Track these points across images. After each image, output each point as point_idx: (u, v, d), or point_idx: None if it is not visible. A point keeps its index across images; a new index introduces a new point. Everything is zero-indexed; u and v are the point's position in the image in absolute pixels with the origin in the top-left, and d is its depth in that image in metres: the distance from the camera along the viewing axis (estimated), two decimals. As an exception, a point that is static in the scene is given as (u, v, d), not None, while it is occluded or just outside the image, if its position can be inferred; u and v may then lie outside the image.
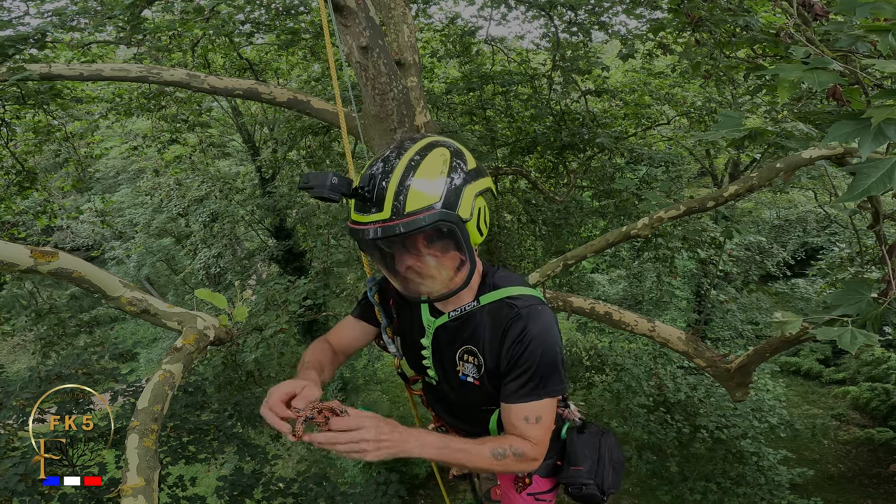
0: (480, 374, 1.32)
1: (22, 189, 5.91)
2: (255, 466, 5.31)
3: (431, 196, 1.10)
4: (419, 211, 1.09)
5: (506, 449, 1.21)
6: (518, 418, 1.24)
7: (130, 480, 1.04)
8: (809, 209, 13.47)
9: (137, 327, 17.67)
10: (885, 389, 10.70)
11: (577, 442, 1.54)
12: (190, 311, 1.55)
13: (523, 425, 1.24)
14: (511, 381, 1.25)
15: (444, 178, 1.13)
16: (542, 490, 1.60)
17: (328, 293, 7.91)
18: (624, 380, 8.68)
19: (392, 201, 1.09)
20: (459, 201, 1.13)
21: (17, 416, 4.12)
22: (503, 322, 1.26)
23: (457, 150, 1.20)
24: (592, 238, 6.24)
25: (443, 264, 1.18)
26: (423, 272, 1.19)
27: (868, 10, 1.29)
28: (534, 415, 1.24)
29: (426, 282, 1.20)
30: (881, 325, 1.53)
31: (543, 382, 1.23)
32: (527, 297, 1.29)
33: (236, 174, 13.18)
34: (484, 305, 1.30)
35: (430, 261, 1.17)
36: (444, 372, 1.41)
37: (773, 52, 2.52)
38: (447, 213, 1.11)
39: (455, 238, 1.15)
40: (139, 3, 3.99)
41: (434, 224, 1.09)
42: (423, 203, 1.09)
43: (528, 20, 6.80)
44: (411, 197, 1.09)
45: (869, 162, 1.19)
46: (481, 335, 1.30)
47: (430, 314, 1.37)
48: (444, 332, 1.36)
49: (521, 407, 1.24)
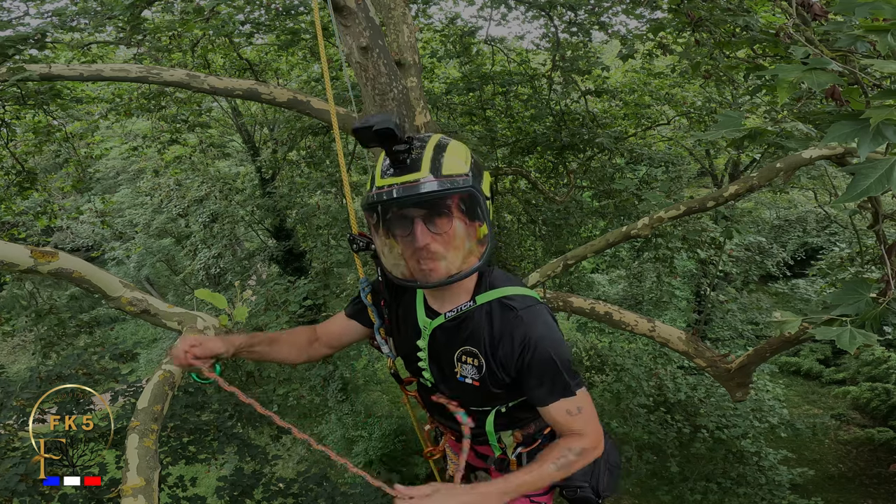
0: (481, 374, 1.31)
1: (22, 189, 5.91)
2: (255, 467, 5.31)
3: (462, 167, 1.18)
4: (456, 175, 1.16)
5: (566, 454, 1.24)
6: (561, 414, 1.28)
7: (130, 480, 1.05)
8: (809, 209, 13.46)
9: (137, 327, 17.67)
10: (886, 389, 10.68)
11: None
12: (190, 312, 1.55)
13: (569, 419, 1.27)
14: (535, 387, 1.28)
15: (469, 160, 1.22)
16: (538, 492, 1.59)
17: (328, 293, 7.90)
18: (624, 380, 8.68)
19: (430, 163, 1.15)
20: (482, 180, 1.22)
21: (17, 417, 4.11)
22: (504, 325, 1.26)
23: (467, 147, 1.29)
24: (592, 238, 6.24)
25: (469, 234, 1.20)
26: (449, 241, 1.17)
27: (867, 10, 1.30)
28: (574, 406, 1.27)
29: (449, 254, 1.18)
30: (880, 325, 1.53)
31: (567, 377, 1.27)
32: (523, 297, 1.29)
33: (236, 174, 13.19)
34: (481, 305, 1.30)
35: (459, 227, 1.18)
36: (441, 374, 1.40)
37: (773, 53, 2.52)
38: (477, 184, 1.19)
39: (483, 209, 1.20)
40: (139, 4, 3.99)
41: (469, 189, 1.16)
42: (458, 170, 1.17)
43: (527, 20, 6.80)
44: (447, 162, 1.16)
45: (868, 162, 1.19)
46: (481, 336, 1.29)
47: (427, 315, 1.36)
48: (441, 333, 1.35)
49: (558, 405, 1.27)
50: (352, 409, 11.11)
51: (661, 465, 8.50)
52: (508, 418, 1.45)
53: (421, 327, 1.37)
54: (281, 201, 10.35)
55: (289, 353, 1.51)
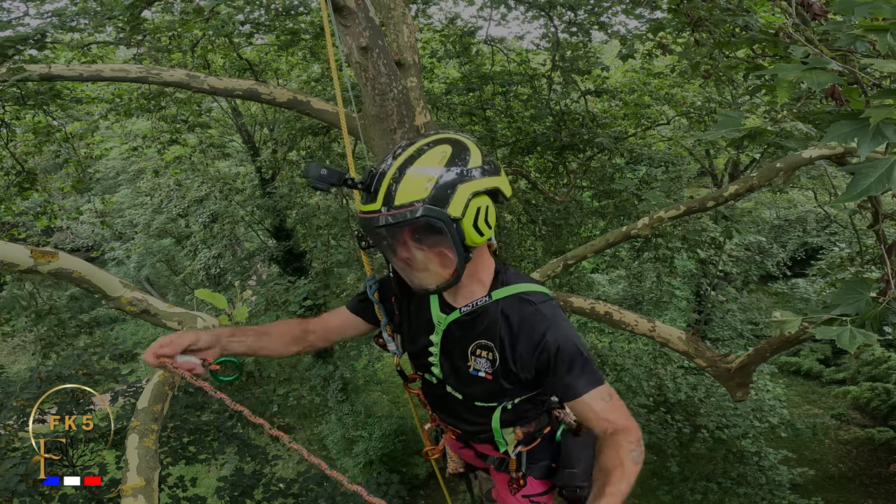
0: (494, 368, 1.32)
1: (22, 190, 5.90)
2: (255, 467, 5.32)
3: (419, 192, 1.14)
4: (406, 205, 1.14)
5: (625, 457, 1.18)
6: (598, 403, 1.25)
7: (130, 480, 1.05)
8: (809, 209, 13.45)
9: (137, 328, 17.66)
10: (886, 389, 10.68)
11: (572, 444, 1.54)
12: (190, 312, 1.55)
13: (604, 406, 1.25)
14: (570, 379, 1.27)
15: (437, 176, 1.16)
16: (537, 492, 1.59)
17: (328, 293, 7.91)
18: (624, 380, 8.67)
19: (384, 194, 1.16)
20: (450, 199, 1.15)
21: (17, 417, 4.12)
22: (523, 319, 1.29)
23: (462, 146, 1.22)
24: (592, 238, 6.24)
25: (429, 258, 1.21)
26: (413, 264, 1.23)
27: (866, 9, 1.30)
28: (606, 393, 1.26)
29: (419, 274, 1.24)
30: (881, 325, 1.53)
31: (591, 368, 1.27)
32: (538, 293, 1.32)
33: (236, 175, 13.17)
34: (497, 301, 1.32)
35: (417, 254, 1.21)
36: (453, 367, 1.41)
37: (773, 52, 2.52)
38: (433, 209, 1.14)
39: (442, 234, 1.16)
40: (139, 4, 3.99)
41: (418, 219, 1.13)
42: (411, 198, 1.14)
43: (527, 20, 6.81)
44: (401, 191, 1.14)
45: (868, 162, 1.19)
46: (497, 330, 1.31)
47: (441, 310, 1.38)
48: (457, 327, 1.37)
49: (594, 393, 1.26)
50: (352, 409, 11.10)
51: (661, 465, 8.49)
52: (513, 415, 1.45)
53: (435, 322, 1.39)
54: (281, 201, 10.34)
55: (278, 346, 1.48)
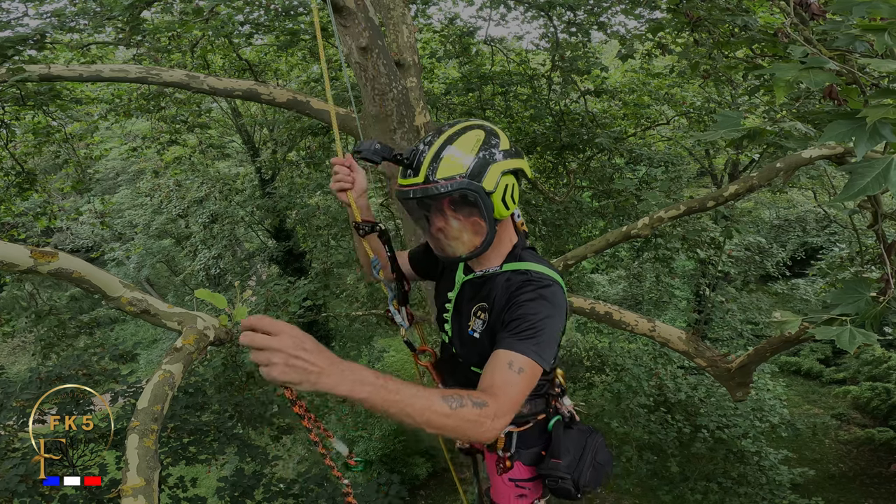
0: (482, 328, 1.42)
1: (22, 190, 5.91)
2: (255, 467, 5.32)
3: (459, 167, 1.29)
4: (448, 178, 1.28)
5: (464, 397, 1.04)
6: (503, 362, 1.17)
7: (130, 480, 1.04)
8: (809, 209, 13.47)
9: (137, 328, 17.67)
10: (886, 389, 10.68)
11: (563, 436, 1.56)
12: (190, 312, 1.55)
13: (505, 371, 1.16)
14: (509, 331, 1.25)
15: (474, 154, 1.30)
16: (523, 478, 1.60)
17: (328, 294, 7.91)
18: (624, 380, 8.67)
19: (427, 168, 1.29)
20: (485, 175, 1.30)
21: (17, 417, 4.12)
22: (515, 284, 1.37)
23: (492, 132, 1.36)
24: (592, 238, 6.24)
25: (465, 227, 1.35)
26: (449, 233, 1.36)
27: (864, 9, 1.30)
28: (517, 364, 1.17)
29: (452, 242, 1.37)
30: (880, 325, 1.53)
31: (538, 340, 1.21)
32: (546, 276, 1.36)
33: (236, 175, 13.18)
34: (505, 272, 1.42)
35: (454, 223, 1.35)
36: (459, 327, 1.51)
37: (772, 52, 2.53)
38: (471, 182, 1.28)
39: (477, 206, 1.31)
40: (138, 4, 3.99)
41: (458, 190, 1.28)
42: (451, 172, 1.28)
43: (527, 20, 6.81)
44: (442, 167, 1.29)
45: (865, 161, 1.19)
46: (494, 294, 1.41)
47: (463, 272, 1.53)
48: (469, 287, 1.51)
49: (509, 353, 1.19)
50: (352, 409, 11.10)
51: (661, 465, 8.50)
52: None
53: (456, 281, 1.55)
54: (281, 202, 10.35)
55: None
